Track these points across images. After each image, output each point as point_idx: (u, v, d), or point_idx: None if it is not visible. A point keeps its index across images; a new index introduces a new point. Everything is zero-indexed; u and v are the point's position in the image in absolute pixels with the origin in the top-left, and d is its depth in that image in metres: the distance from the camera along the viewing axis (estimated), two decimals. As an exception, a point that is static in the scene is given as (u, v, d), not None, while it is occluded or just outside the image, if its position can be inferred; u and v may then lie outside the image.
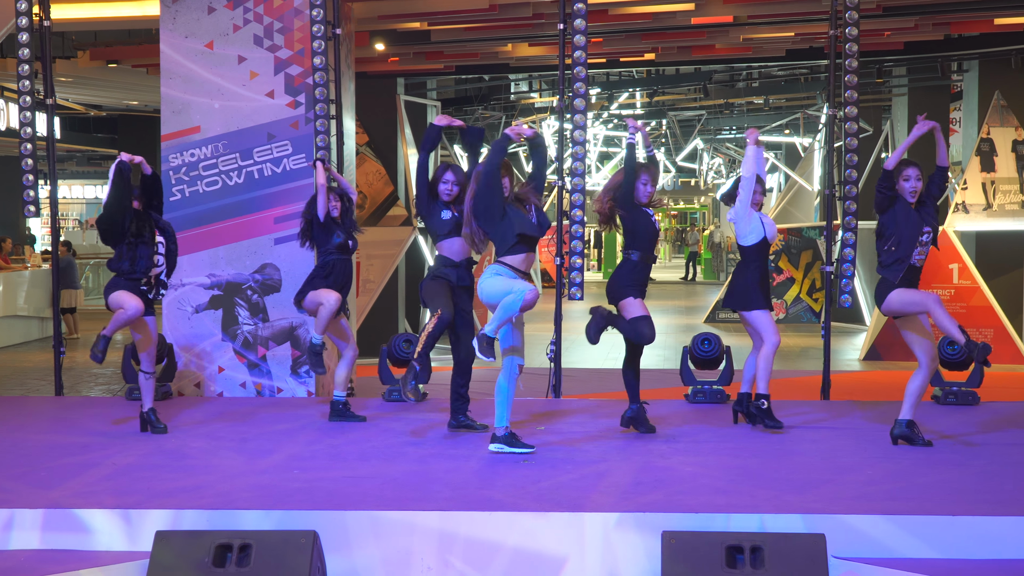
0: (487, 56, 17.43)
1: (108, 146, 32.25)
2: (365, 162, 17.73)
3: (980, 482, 7.36)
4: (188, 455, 8.30)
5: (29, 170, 11.07)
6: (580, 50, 10.81)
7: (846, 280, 10.80)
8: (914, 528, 6.46)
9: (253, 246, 11.27)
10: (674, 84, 24.47)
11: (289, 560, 6.18)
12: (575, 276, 10.95)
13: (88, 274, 27.99)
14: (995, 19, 15.39)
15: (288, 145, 11.27)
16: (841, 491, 7.14)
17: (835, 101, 11.08)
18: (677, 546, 6.19)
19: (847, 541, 6.42)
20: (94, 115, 28.64)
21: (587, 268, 11.86)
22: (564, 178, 11.16)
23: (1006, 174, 17.54)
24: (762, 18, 14.89)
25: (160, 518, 6.66)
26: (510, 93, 26.14)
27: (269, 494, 7.11)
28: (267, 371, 11.28)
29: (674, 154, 37.53)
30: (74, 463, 8.01)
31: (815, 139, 27.15)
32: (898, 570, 6.17)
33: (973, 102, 19.23)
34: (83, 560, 6.44)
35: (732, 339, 17.65)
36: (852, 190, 10.81)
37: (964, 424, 9.41)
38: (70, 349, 18.45)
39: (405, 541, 6.58)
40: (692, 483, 7.35)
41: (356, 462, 8.03)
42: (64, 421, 9.76)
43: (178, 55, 11.39)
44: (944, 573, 6.09)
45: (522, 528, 6.57)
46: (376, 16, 14.07)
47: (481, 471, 7.70)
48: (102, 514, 6.73)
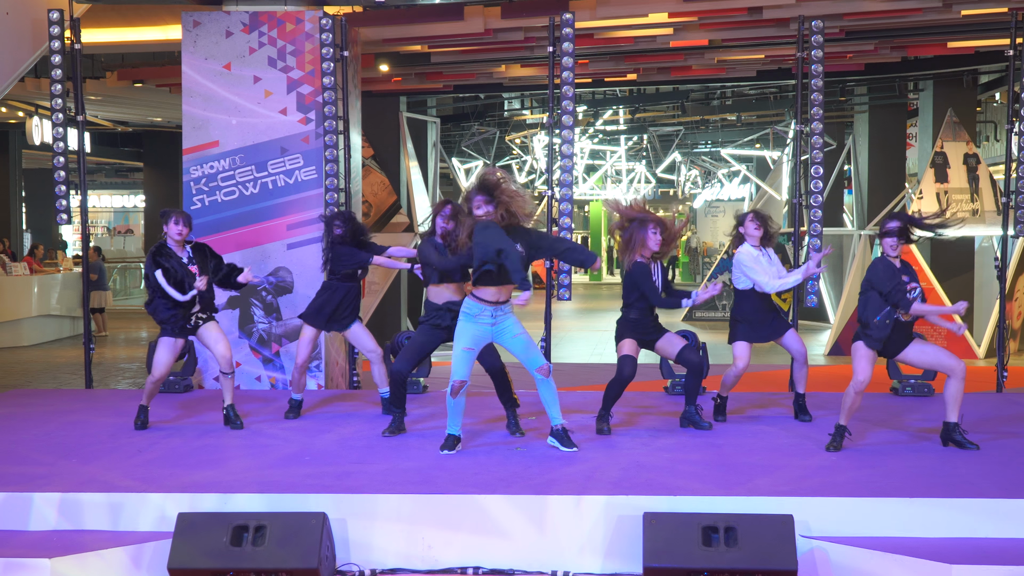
0: (483, 76, 17.43)
1: (134, 159, 32.17)
2: (370, 174, 17.73)
3: (936, 466, 7.36)
4: (208, 444, 8.29)
5: (61, 181, 11.05)
6: (568, 71, 10.81)
7: (812, 282, 10.82)
8: (875, 509, 6.47)
9: (267, 251, 11.26)
10: (654, 102, 24.51)
11: (301, 539, 6.18)
12: (563, 278, 10.94)
13: (116, 276, 27.96)
14: (948, 43, 15.43)
15: (300, 158, 11.27)
16: (808, 475, 7.15)
17: (802, 117, 11.10)
18: (657, 526, 6.20)
19: (813, 521, 6.43)
20: (121, 131, 28.58)
21: (575, 271, 11.82)
22: (553, 188, 11.15)
23: (958, 184, 17.57)
24: (735, 41, 14.91)
25: (182, 501, 6.66)
26: (504, 110, 26.15)
27: (283, 479, 7.10)
28: (280, 366, 11.27)
29: (654, 166, 37.54)
30: (103, 450, 8.00)
31: (783, 152, 27.20)
32: (861, 548, 6.19)
33: (928, 118, 19.28)
34: (112, 539, 6.45)
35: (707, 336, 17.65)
36: (818, 199, 10.83)
37: (920, 414, 9.41)
38: (99, 346, 18.44)
39: (408, 522, 6.58)
40: (671, 469, 7.34)
41: (363, 450, 8.02)
42: (94, 412, 9.73)
43: (198, 75, 11.38)
44: (902, 550, 6.10)
45: (514, 510, 6.57)
46: (381, 40, 14.08)
47: (476, 458, 7.69)
48: (130, 497, 6.73)
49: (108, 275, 24.11)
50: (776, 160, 28.17)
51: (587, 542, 6.51)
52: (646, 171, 38.61)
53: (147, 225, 29.34)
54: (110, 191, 49.32)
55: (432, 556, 6.54)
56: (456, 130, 26.93)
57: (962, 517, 6.45)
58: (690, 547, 6.11)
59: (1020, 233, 11.01)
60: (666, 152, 34.73)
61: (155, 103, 21.74)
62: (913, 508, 6.48)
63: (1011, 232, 11.25)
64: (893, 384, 10.60)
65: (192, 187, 11.31)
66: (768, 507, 6.45)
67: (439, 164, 21.25)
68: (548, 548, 6.51)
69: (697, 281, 36.63)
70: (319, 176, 11.19)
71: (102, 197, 49.68)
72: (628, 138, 33.10)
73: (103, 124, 26.54)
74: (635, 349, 8.59)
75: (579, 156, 33.69)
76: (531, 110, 26.23)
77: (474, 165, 31.09)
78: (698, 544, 6.12)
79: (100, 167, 39.06)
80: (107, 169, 40.46)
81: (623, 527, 6.48)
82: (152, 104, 22.14)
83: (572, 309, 27.23)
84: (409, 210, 18.38)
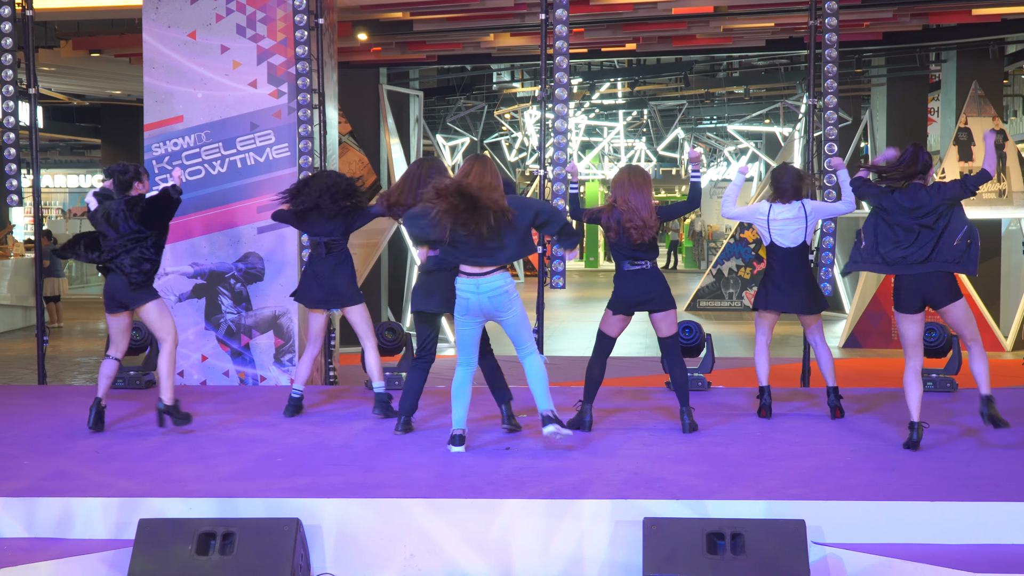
0: (469, 46, 17.40)
1: (91, 135, 32.16)
2: (348, 151, 17.69)
3: (958, 468, 7.38)
4: (171, 443, 8.28)
5: (12, 159, 11.02)
6: (562, 40, 10.80)
7: (826, 268, 10.82)
8: (893, 514, 6.48)
9: (236, 235, 11.24)
10: (655, 74, 24.52)
11: (272, 547, 6.18)
12: (557, 265, 10.94)
13: (71, 262, 27.88)
14: (973, 9, 15.43)
15: (271, 135, 11.24)
16: (821, 477, 7.16)
17: (815, 91, 11.10)
18: (658, 532, 6.20)
19: (827, 527, 6.44)
20: (77, 104, 28.54)
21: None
22: (546, 167, 11.14)
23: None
24: (742, 8, 14.89)
25: (143, 506, 6.65)
26: (492, 83, 26.14)
27: (252, 482, 7.10)
28: (250, 359, 11.25)
29: (655, 143, 37.55)
30: (57, 451, 7.99)
31: (795, 128, 27.22)
32: (877, 555, 6.20)
33: (951, 92, 19.29)
34: (66, 548, 6.43)
35: (713, 327, 17.66)
36: (831, 178, 10.82)
37: (942, 411, 9.43)
38: (53, 338, 18.39)
39: (388, 528, 6.57)
40: (673, 470, 7.36)
41: (339, 450, 8.02)
42: (47, 410, 9.72)
43: (161, 45, 11.34)
44: (922, 558, 6.11)
45: (503, 515, 6.57)
46: (359, 6, 14.04)
47: (462, 459, 7.70)
48: (86, 502, 6.72)
49: (63, 261, 24.07)
50: (787, 137, 28.22)
51: (583, 550, 6.51)
52: (646, 149, 38.61)
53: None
54: (65, 170, 49.19)
55: (415, 565, 6.54)
56: (440, 104, 26.92)
57: (987, 522, 6.46)
58: (694, 555, 6.12)
59: (1050, 216, 11.01)
60: (668, 128, 34.73)
61: (114, 75, 21.69)
62: (934, 513, 6.49)
63: (1040, 215, 11.25)
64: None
65: (154, 165, 11.28)
66: (778, 512, 6.46)
67: (422, 141, 21.23)
68: (540, 556, 6.51)
69: (702, 268, 36.66)
70: (292, 154, 11.17)
71: (56, 177, 49.56)
72: (627, 113, 33.08)
73: (57, 97, 26.48)
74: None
75: (574, 132, 33.69)
76: (522, 83, 26.21)
77: (460, 142, 31.08)
78: (702, 551, 6.12)
79: (54, 144, 39.00)
80: (62, 146, 40.41)
81: (622, 533, 6.48)
82: (111, 76, 22.08)
83: (566, 298, 27.23)
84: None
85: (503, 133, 33.25)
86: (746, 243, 23.19)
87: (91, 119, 31.45)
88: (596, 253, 41.75)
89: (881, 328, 17.07)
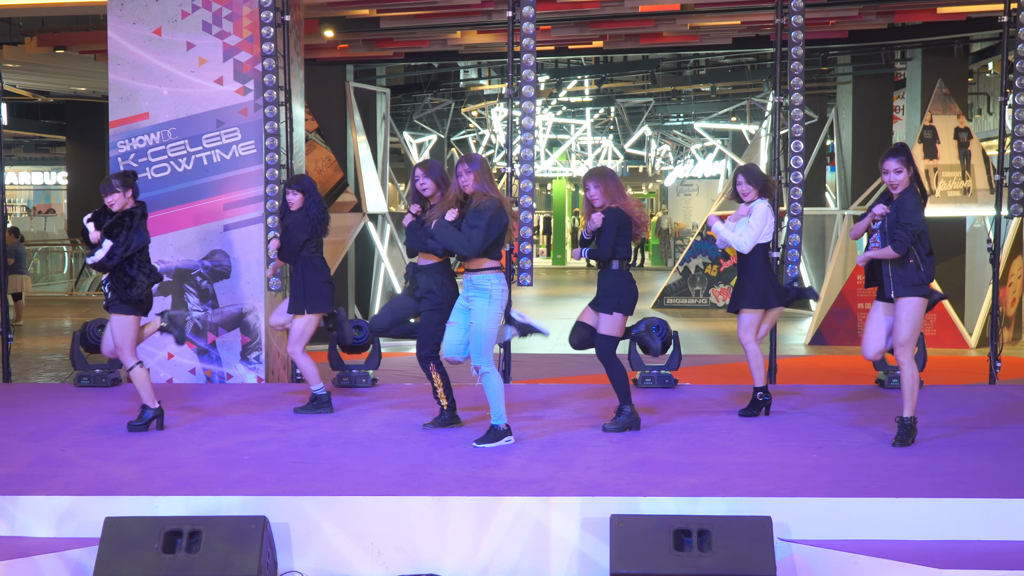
0: (436, 43, 17.37)
1: (56, 132, 31.94)
2: (315, 149, 17.64)
3: (924, 464, 7.42)
4: (137, 441, 8.24)
5: (-25, 156, 10.96)
6: (529, 37, 10.80)
7: (792, 265, 10.86)
8: (859, 510, 6.52)
9: (202, 233, 11.19)
10: (622, 72, 24.53)
11: (239, 545, 6.16)
12: (524, 263, 10.94)
13: (36, 260, 27.74)
14: (938, 8, 15.50)
15: (237, 132, 11.20)
16: (787, 474, 7.19)
17: (781, 89, 11.14)
18: (625, 530, 6.21)
19: (793, 523, 6.46)
20: (41, 101, 28.34)
21: (536, 255, 11.81)
22: (513, 165, 11.14)
23: (948, 161, 17.67)
24: (709, 6, 14.91)
25: (109, 504, 6.61)
26: (459, 80, 26.09)
27: (219, 480, 7.07)
28: (217, 357, 11.21)
29: (622, 141, 37.60)
30: (22, 450, 7.94)
31: (761, 126, 27.29)
32: (843, 551, 6.23)
33: (916, 90, 19.37)
34: (32, 547, 6.39)
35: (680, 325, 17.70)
36: (798, 176, 10.87)
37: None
38: (16, 335, 18.25)
39: (355, 526, 6.57)
40: (640, 467, 7.37)
41: (306, 448, 8.00)
42: (12, 408, 9.66)
43: (126, 41, 11.28)
44: (888, 554, 6.14)
45: (471, 513, 6.57)
46: (325, 3, 14.00)
47: (430, 456, 7.69)
48: (51, 500, 6.68)
49: (28, 259, 23.91)
50: (753, 135, 28.25)
51: (551, 547, 6.51)
52: (613, 146, 38.67)
53: (70, 204, 29.12)
54: (29, 167, 48.94)
55: (382, 562, 6.53)
56: (407, 101, 26.83)
57: (952, 518, 6.50)
58: (660, 552, 6.13)
59: (1014, 213, 11.04)
60: (635, 126, 34.76)
61: (79, 71, 21.55)
62: (900, 509, 6.52)
63: (1005, 212, 11.29)
64: (879, 376, 10.67)
65: (120, 163, 11.22)
66: (745, 508, 6.48)
67: (389, 138, 21.19)
68: (508, 554, 6.51)
69: (669, 265, 36.74)
70: (258, 151, 11.12)
71: (20, 174, 49.28)
72: (594, 111, 33.10)
73: (21, 94, 26.28)
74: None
75: (541, 130, 33.69)
76: (489, 80, 26.18)
77: (427, 139, 31.03)
78: (669, 549, 6.13)
79: (18, 141, 38.74)
80: (26, 143, 40.15)
81: (589, 530, 6.49)
82: (75, 72, 21.94)
83: (534, 295, 27.24)
84: (357, 188, 18.31)
85: (470, 130, 33.20)
86: (712, 241, 23.25)
87: (56, 116, 31.25)
88: (563, 251, 41.71)
89: (847, 325, 17.15)
